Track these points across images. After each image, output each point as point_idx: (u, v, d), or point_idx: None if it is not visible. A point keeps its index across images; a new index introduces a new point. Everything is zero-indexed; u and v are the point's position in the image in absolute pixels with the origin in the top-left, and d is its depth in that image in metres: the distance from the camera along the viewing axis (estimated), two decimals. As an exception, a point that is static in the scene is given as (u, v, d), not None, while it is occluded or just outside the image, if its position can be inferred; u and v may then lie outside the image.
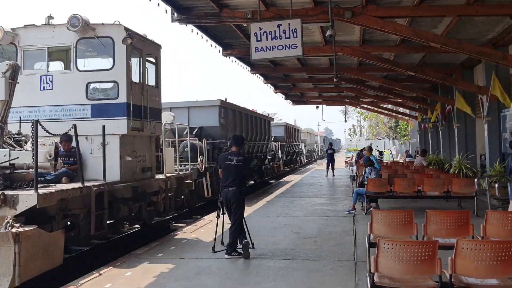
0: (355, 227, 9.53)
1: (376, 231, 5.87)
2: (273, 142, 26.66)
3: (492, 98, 12.87)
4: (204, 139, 14.20)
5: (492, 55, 10.35)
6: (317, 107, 32.28)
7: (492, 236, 5.56)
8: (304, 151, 44.41)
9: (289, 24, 8.73)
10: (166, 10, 10.83)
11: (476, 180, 10.92)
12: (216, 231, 7.83)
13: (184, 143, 13.45)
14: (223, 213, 7.73)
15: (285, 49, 8.69)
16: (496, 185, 10.50)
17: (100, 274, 6.64)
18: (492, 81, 12.40)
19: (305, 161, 44.68)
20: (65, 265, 7.99)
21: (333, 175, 24.58)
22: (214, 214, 9.24)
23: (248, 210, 12.01)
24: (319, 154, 56.73)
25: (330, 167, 25.33)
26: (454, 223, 5.62)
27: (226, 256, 7.31)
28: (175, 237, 9.20)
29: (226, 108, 16.75)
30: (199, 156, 13.28)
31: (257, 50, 8.86)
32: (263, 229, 9.57)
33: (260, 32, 8.85)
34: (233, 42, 14.51)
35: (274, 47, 8.75)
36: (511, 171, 6.88)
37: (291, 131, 34.43)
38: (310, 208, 12.50)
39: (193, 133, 14.91)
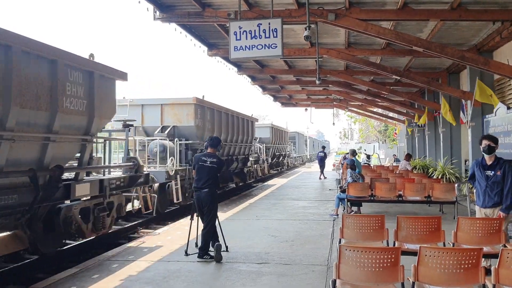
0: (333, 231, 9.40)
1: (347, 236, 5.75)
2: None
3: (476, 104, 12.82)
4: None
5: (474, 60, 10.27)
6: (306, 109, 32.20)
7: (463, 243, 5.47)
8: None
9: (269, 23, 8.58)
10: (147, 8, 10.65)
11: (456, 185, 10.88)
12: (189, 234, 7.69)
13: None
14: (197, 215, 7.59)
15: (265, 48, 8.54)
16: (476, 191, 10.45)
17: (67, 276, 6.46)
18: (476, 87, 12.35)
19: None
20: (31, 266, 7.83)
21: (320, 178, 24.50)
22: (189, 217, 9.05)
23: (233, 211, 11.87)
24: (308, 157, 58.10)
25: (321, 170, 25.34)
26: (424, 229, 5.51)
27: (197, 259, 7.15)
28: (148, 240, 9.00)
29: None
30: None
31: (236, 49, 8.72)
32: (240, 231, 9.44)
33: (240, 31, 8.70)
34: (218, 42, 14.31)
35: (253, 46, 8.59)
36: (471, 177, 6.57)
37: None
38: (291, 211, 12.36)
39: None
